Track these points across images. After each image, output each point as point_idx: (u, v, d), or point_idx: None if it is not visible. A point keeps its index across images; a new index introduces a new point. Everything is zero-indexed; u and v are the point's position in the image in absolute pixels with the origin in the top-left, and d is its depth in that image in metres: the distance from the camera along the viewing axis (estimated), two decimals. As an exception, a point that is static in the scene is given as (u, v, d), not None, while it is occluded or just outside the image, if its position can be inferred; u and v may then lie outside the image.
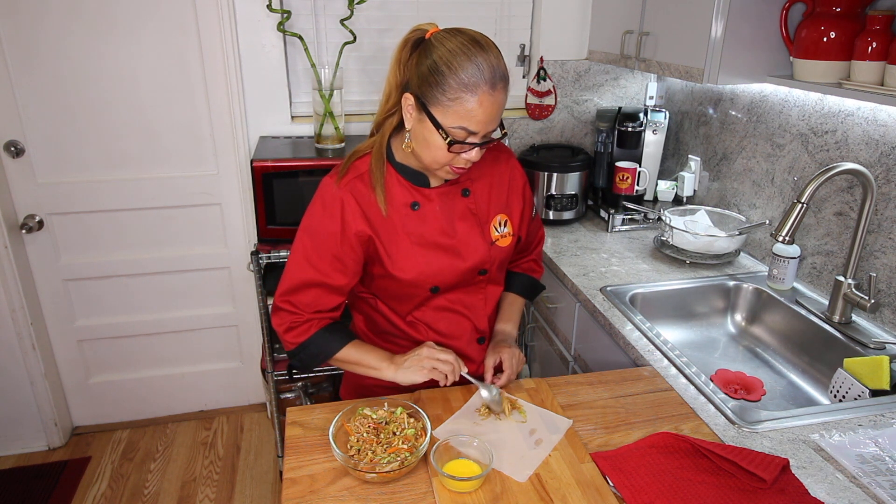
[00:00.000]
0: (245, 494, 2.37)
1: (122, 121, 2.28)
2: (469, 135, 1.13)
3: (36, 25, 2.10)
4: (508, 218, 1.35)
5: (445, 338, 1.36)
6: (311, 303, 1.25)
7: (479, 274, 1.33)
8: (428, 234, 1.26)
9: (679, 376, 1.40)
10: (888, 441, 1.18)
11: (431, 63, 1.10)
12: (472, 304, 1.36)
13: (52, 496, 2.31)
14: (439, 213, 1.27)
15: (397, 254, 1.25)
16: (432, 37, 1.14)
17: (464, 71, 1.07)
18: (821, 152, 1.75)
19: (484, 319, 1.39)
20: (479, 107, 1.09)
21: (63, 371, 2.57)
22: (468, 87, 1.08)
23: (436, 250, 1.26)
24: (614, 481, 1.07)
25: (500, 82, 1.10)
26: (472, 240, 1.29)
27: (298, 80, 2.39)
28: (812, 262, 1.80)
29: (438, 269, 1.27)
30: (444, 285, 1.30)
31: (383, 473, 1.06)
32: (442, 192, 1.28)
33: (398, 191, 1.25)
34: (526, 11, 2.46)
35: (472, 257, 1.29)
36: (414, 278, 1.26)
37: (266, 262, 2.10)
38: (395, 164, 1.26)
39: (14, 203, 2.30)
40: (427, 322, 1.35)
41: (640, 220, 2.26)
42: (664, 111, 2.33)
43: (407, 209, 1.25)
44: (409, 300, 1.32)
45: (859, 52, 1.45)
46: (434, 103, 1.11)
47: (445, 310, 1.34)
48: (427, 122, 1.13)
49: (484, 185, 1.33)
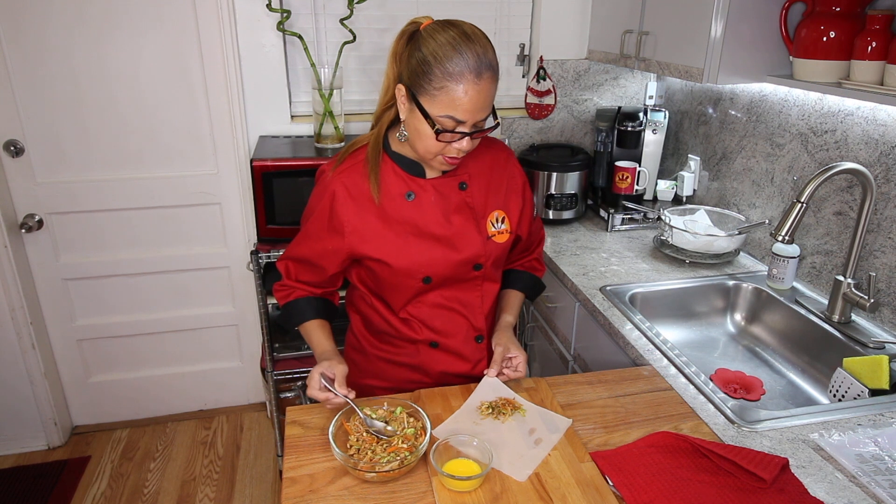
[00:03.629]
0: (245, 494, 2.37)
1: (121, 120, 2.28)
2: (457, 124, 1.14)
3: (35, 25, 2.10)
4: (506, 215, 1.36)
5: (441, 335, 1.36)
6: (298, 273, 1.37)
7: (474, 269, 1.33)
8: (422, 224, 1.27)
9: (678, 376, 1.40)
10: (888, 440, 1.18)
11: (420, 54, 1.13)
12: (469, 301, 1.36)
13: (51, 495, 2.31)
14: (434, 203, 1.28)
15: (390, 243, 1.26)
16: (423, 29, 1.16)
17: (448, 61, 1.10)
18: (820, 152, 1.75)
19: (481, 318, 1.39)
20: (465, 95, 1.11)
21: (63, 370, 2.57)
22: (453, 77, 1.10)
23: (429, 240, 1.27)
24: (614, 481, 1.08)
25: (487, 72, 1.12)
26: (467, 232, 1.30)
27: (298, 80, 2.39)
28: (812, 262, 1.81)
29: (431, 258, 1.27)
30: (438, 277, 1.30)
31: (383, 473, 1.06)
32: (438, 184, 1.29)
33: (393, 180, 1.27)
34: (526, 11, 2.46)
35: (466, 250, 1.30)
36: (406, 266, 1.26)
37: (266, 262, 2.10)
38: (392, 154, 1.28)
39: (13, 202, 2.30)
40: (422, 319, 1.35)
41: (640, 219, 2.27)
42: (664, 111, 2.33)
43: (402, 199, 1.27)
44: (402, 292, 1.32)
45: (859, 52, 1.45)
46: (422, 93, 1.14)
47: (441, 307, 1.35)
48: (417, 112, 1.16)
49: (482, 180, 1.33)
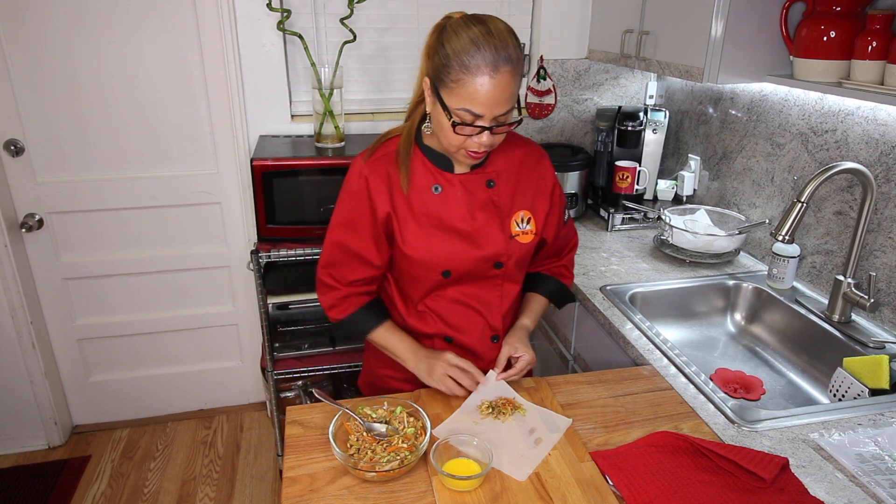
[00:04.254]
0: (245, 493, 2.37)
1: (121, 119, 2.28)
2: (475, 118, 1.14)
3: (35, 24, 2.10)
4: (532, 216, 1.35)
5: (455, 331, 1.36)
6: (345, 273, 1.32)
7: (495, 267, 1.32)
8: (446, 218, 1.27)
9: (679, 375, 1.40)
10: (887, 440, 1.18)
11: (442, 48, 1.13)
12: (488, 300, 1.36)
13: (51, 495, 2.31)
14: (460, 198, 1.28)
15: (412, 233, 1.27)
16: (448, 23, 1.16)
17: (465, 54, 1.10)
18: (821, 151, 1.75)
19: (498, 317, 1.38)
20: (481, 89, 1.10)
21: (63, 370, 2.57)
22: (469, 70, 1.10)
23: (451, 234, 1.28)
24: (614, 480, 1.08)
25: (505, 66, 1.10)
26: (490, 230, 1.29)
27: (298, 79, 2.39)
28: (812, 262, 1.81)
29: (451, 252, 1.28)
30: (457, 272, 1.30)
31: (383, 472, 1.06)
32: (465, 179, 1.29)
33: (422, 172, 1.28)
34: (526, 10, 2.46)
35: (488, 247, 1.29)
36: (425, 258, 1.27)
37: (266, 261, 2.10)
38: (423, 147, 1.29)
39: (14, 202, 2.30)
40: (439, 313, 1.35)
41: (640, 219, 2.26)
42: (664, 110, 2.33)
43: (429, 191, 1.27)
44: (421, 284, 1.32)
45: (859, 52, 1.45)
46: (442, 86, 1.14)
47: (458, 303, 1.35)
48: (439, 104, 1.16)
49: (510, 179, 1.33)
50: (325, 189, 2.11)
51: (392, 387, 1.44)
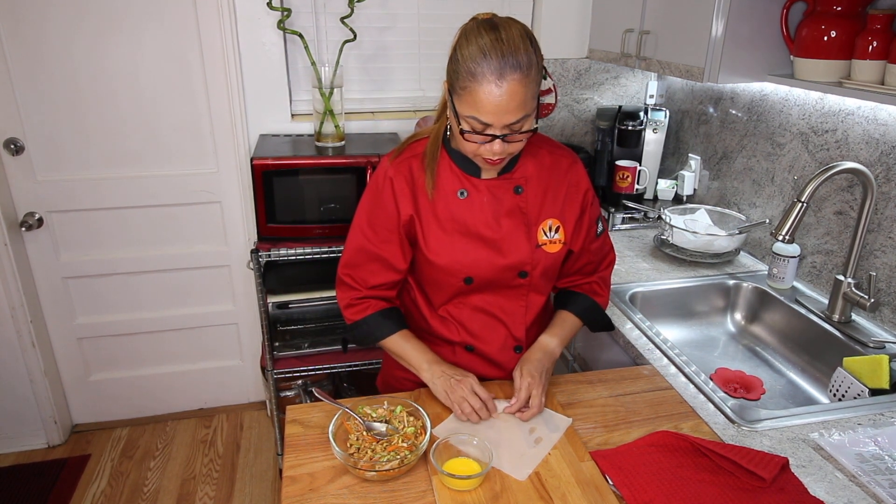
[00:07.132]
0: (245, 492, 2.37)
1: (121, 118, 2.28)
2: (484, 126, 1.11)
3: (36, 23, 2.10)
4: (561, 224, 1.30)
5: (476, 339, 1.34)
6: (366, 277, 1.31)
7: (520, 276, 1.29)
8: (471, 224, 1.25)
9: (679, 375, 1.40)
10: (887, 440, 1.18)
11: (455, 53, 1.12)
12: (512, 310, 1.33)
13: (51, 494, 2.31)
14: (486, 204, 1.26)
15: (435, 238, 1.25)
16: (466, 27, 1.13)
17: (472, 61, 1.07)
18: (821, 151, 1.75)
19: (521, 328, 1.34)
20: (487, 98, 1.07)
21: (63, 369, 2.57)
22: (474, 77, 1.07)
23: (475, 240, 1.25)
24: (614, 480, 1.08)
25: (513, 73, 1.06)
26: (515, 237, 1.26)
27: (298, 79, 2.38)
28: (812, 261, 1.81)
29: (475, 259, 1.25)
30: (480, 279, 1.27)
31: (383, 472, 1.06)
32: (492, 185, 1.26)
33: (448, 176, 1.26)
34: (526, 10, 2.46)
35: (512, 255, 1.26)
36: (447, 264, 1.25)
37: (266, 261, 2.10)
38: (450, 151, 1.27)
39: (14, 201, 2.30)
40: (460, 321, 1.33)
41: (640, 218, 2.26)
42: (664, 110, 2.33)
43: (454, 196, 1.25)
44: (443, 289, 1.30)
45: (860, 51, 1.45)
46: (454, 91, 1.13)
47: (481, 311, 1.32)
48: (452, 110, 1.15)
49: (539, 186, 1.28)
50: (325, 188, 2.11)
51: (407, 388, 1.41)
